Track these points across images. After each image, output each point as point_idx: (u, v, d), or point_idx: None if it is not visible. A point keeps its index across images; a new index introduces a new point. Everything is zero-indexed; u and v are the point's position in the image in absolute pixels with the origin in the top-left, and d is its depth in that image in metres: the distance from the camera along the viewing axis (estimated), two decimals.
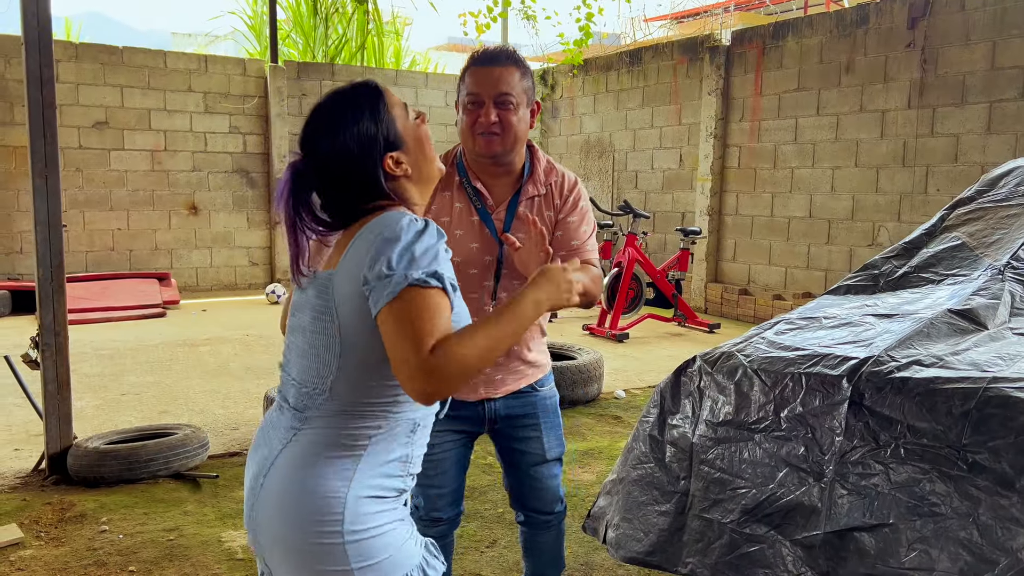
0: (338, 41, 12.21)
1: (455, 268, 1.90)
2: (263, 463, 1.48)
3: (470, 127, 2.13)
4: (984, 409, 1.93)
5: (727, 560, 2.41)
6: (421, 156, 1.56)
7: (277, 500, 1.43)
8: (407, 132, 1.54)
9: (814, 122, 8.07)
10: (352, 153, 1.46)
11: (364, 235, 1.42)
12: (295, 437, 1.45)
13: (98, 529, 3.33)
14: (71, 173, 9.70)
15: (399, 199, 1.52)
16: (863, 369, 2.23)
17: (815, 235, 8.16)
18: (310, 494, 1.40)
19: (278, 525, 1.43)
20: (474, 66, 2.13)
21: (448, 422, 2.05)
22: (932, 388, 2.05)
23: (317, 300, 1.47)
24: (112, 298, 8.72)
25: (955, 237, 3.15)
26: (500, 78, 2.09)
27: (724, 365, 2.61)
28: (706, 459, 2.57)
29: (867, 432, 2.15)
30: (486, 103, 2.09)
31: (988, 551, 1.83)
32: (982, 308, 2.50)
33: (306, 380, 1.47)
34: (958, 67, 6.92)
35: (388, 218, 1.42)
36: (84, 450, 3.79)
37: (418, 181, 1.57)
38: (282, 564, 1.45)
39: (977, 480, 1.89)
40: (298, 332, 1.52)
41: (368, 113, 1.49)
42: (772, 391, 2.42)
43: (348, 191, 1.49)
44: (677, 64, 9.60)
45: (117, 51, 9.92)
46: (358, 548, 1.40)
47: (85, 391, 5.51)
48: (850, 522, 2.12)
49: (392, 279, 1.34)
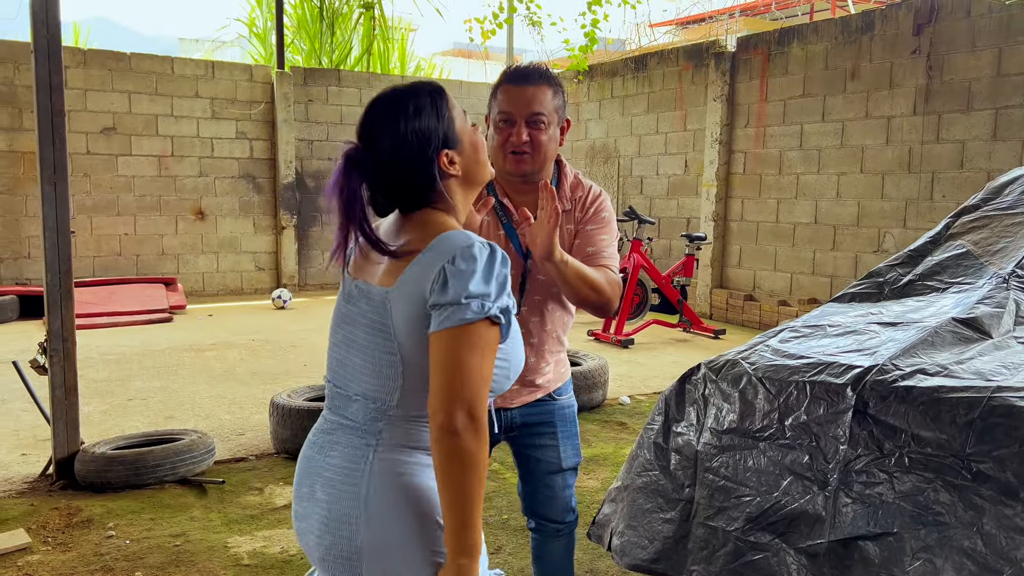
0: (343, 47, 12.25)
1: None
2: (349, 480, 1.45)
3: (501, 145, 2.14)
4: (988, 419, 1.94)
5: (731, 568, 2.41)
6: (475, 159, 1.57)
7: (399, 510, 1.43)
8: (464, 133, 1.55)
9: (819, 128, 8.07)
10: (411, 145, 1.47)
11: (429, 255, 1.42)
12: (379, 447, 1.45)
13: (105, 534, 3.34)
14: (79, 179, 9.75)
15: (449, 203, 1.52)
16: (867, 378, 2.23)
17: (820, 241, 8.15)
18: (428, 492, 1.43)
19: (407, 532, 1.42)
20: (507, 83, 2.14)
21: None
22: (936, 397, 2.06)
23: (373, 316, 1.46)
24: (119, 303, 8.75)
25: (960, 245, 3.16)
26: (533, 97, 2.10)
27: (729, 373, 2.61)
28: (711, 467, 2.57)
29: (871, 441, 2.15)
30: (518, 122, 2.10)
31: (992, 561, 1.83)
32: (987, 317, 2.50)
33: (373, 396, 1.47)
34: (964, 73, 6.92)
35: (452, 241, 1.41)
36: (91, 455, 3.81)
37: (467, 184, 1.57)
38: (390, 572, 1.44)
39: (981, 489, 1.89)
40: (352, 347, 1.51)
41: (430, 108, 1.50)
42: (776, 399, 2.42)
43: (401, 184, 1.49)
44: (682, 70, 9.61)
45: (125, 57, 9.98)
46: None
47: (92, 396, 5.54)
48: (854, 531, 2.12)
49: (469, 307, 1.35)
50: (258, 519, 3.54)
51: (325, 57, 12.17)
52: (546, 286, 2.26)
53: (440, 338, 1.36)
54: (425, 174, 1.49)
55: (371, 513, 1.44)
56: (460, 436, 1.32)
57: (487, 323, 1.37)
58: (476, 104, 12.42)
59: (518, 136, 2.10)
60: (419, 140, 1.47)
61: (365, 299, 1.49)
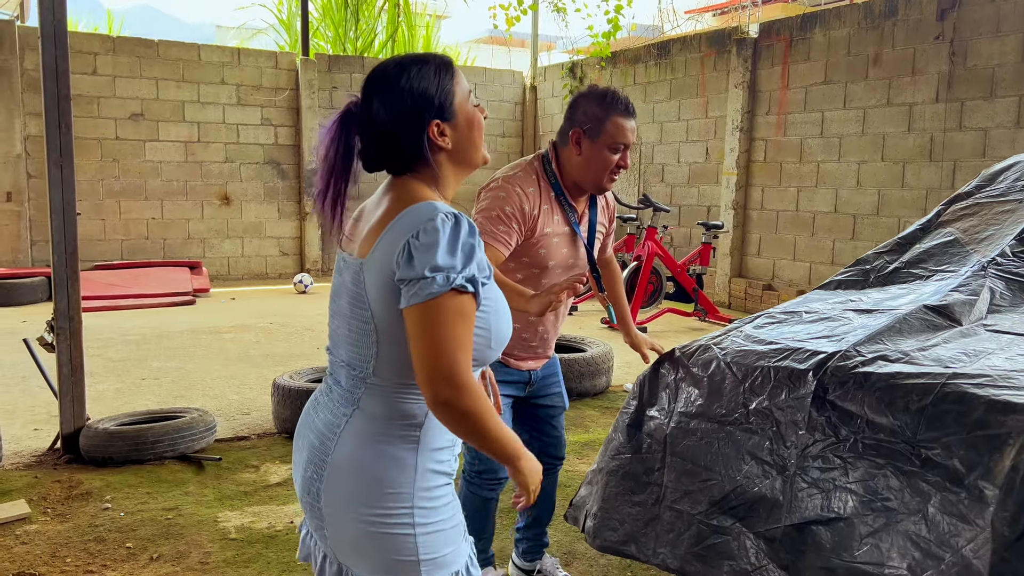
0: (368, 34, 12.32)
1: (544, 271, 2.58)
2: (324, 440, 1.54)
3: (611, 169, 2.53)
4: (940, 405, 1.92)
5: (695, 551, 2.43)
6: (468, 137, 1.57)
7: (350, 472, 1.49)
8: (462, 110, 1.56)
9: (840, 115, 7.95)
10: (404, 106, 1.50)
11: (396, 227, 1.45)
12: (355, 413, 1.51)
13: (101, 507, 3.46)
14: (108, 163, 9.97)
15: (435, 175, 1.55)
16: (829, 364, 2.23)
17: (840, 230, 8.04)
18: (382, 462, 1.48)
19: (351, 495, 1.49)
20: (621, 117, 2.51)
21: (503, 387, 2.57)
22: (893, 383, 2.05)
23: (352, 287, 1.51)
24: (143, 286, 8.95)
25: (948, 233, 3.11)
26: (634, 129, 2.55)
27: (700, 358, 2.62)
28: (678, 451, 2.59)
29: (828, 426, 2.15)
30: (624, 151, 2.53)
31: (935, 547, 1.83)
32: (958, 304, 2.47)
33: (354, 363, 1.53)
34: (987, 59, 6.76)
35: (419, 213, 1.44)
36: (95, 431, 3.93)
37: (457, 162, 1.59)
38: (348, 540, 1.51)
39: (928, 475, 1.89)
40: (339, 317, 1.57)
41: (432, 77, 1.52)
42: (743, 384, 2.43)
43: (390, 143, 1.52)
44: (704, 57, 9.51)
45: (153, 44, 10.15)
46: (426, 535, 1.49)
47: (108, 375, 5.69)
48: (808, 516, 2.13)
49: (434, 281, 1.38)
50: (250, 495, 3.63)
51: (349, 44, 12.26)
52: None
53: (410, 315, 1.40)
54: (414, 138, 1.52)
55: (330, 472, 1.51)
56: (449, 404, 1.38)
57: (454, 294, 1.39)
58: (499, 91, 12.43)
59: (625, 160, 2.54)
60: (413, 104, 1.50)
61: (348, 270, 1.54)
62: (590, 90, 2.57)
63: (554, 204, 2.56)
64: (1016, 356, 2.06)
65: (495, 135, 12.45)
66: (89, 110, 9.78)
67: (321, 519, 1.54)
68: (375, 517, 1.48)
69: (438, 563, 1.51)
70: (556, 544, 3.23)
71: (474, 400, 1.39)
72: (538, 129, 12.55)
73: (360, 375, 1.52)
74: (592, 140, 2.49)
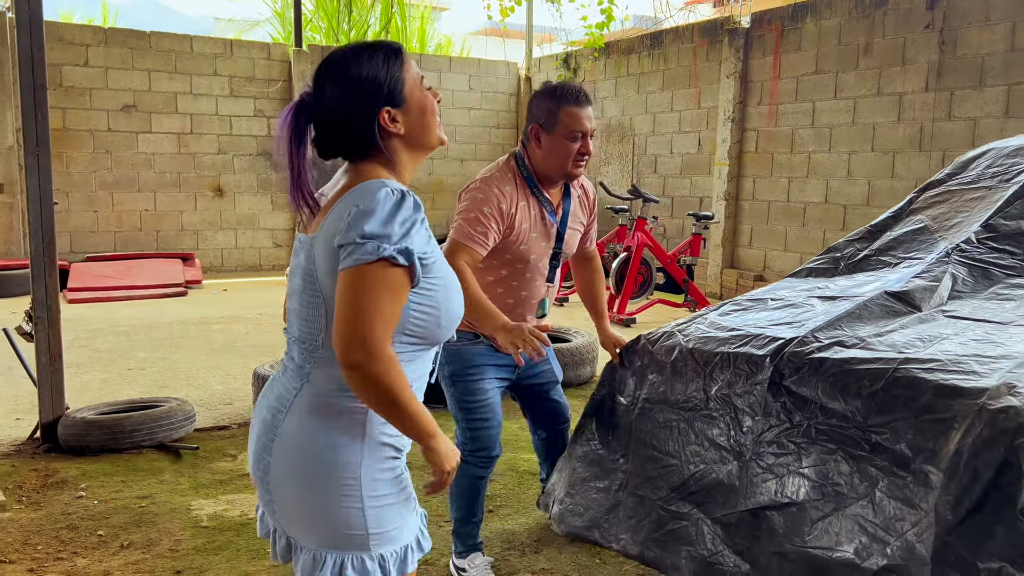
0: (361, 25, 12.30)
1: (526, 265, 2.67)
2: (275, 413, 1.56)
3: (573, 157, 2.62)
4: (891, 390, 1.92)
5: (655, 537, 2.44)
6: (421, 122, 1.59)
7: (296, 445, 1.51)
8: (413, 95, 1.58)
9: (831, 105, 7.92)
10: (354, 94, 1.52)
11: (343, 202, 1.48)
12: (305, 386, 1.53)
13: (75, 495, 3.47)
14: (100, 155, 9.96)
15: (390, 159, 1.57)
16: (786, 350, 2.23)
17: (831, 221, 8.02)
18: (329, 435, 1.50)
19: (298, 468, 1.50)
20: (573, 106, 2.59)
21: (495, 371, 2.72)
22: (846, 369, 2.05)
23: (305, 263, 1.54)
24: (135, 277, 8.96)
25: (919, 220, 3.11)
26: (590, 116, 2.63)
27: (663, 344, 2.62)
28: (641, 437, 2.59)
29: (783, 412, 2.15)
30: (584, 138, 2.61)
31: (881, 531, 1.83)
32: (919, 291, 2.47)
33: (304, 337, 1.55)
34: (977, 48, 6.73)
35: (367, 187, 1.47)
36: (72, 420, 3.94)
37: (412, 146, 1.61)
38: (296, 513, 1.52)
39: (877, 460, 1.89)
40: (294, 295, 1.60)
41: (381, 63, 1.54)
42: (703, 370, 2.43)
43: (342, 131, 1.55)
44: (697, 47, 9.48)
45: (145, 36, 10.14)
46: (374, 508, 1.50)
47: (93, 365, 5.71)
48: (763, 501, 2.13)
49: (364, 248, 1.40)
50: (225, 484, 3.64)
51: (343, 36, 12.23)
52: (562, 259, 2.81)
53: (340, 278, 1.43)
54: (365, 126, 1.54)
55: (279, 444, 1.53)
56: (359, 368, 1.40)
57: (385, 264, 1.41)
58: (494, 82, 12.40)
59: (586, 147, 2.62)
60: (363, 91, 1.53)
61: (303, 249, 1.57)
62: (543, 87, 2.69)
63: (530, 199, 2.67)
64: (970, 341, 2.05)
65: (490, 126, 12.43)
66: (81, 102, 9.78)
67: (270, 492, 1.56)
68: (321, 489, 1.49)
69: (386, 537, 1.52)
70: (527, 531, 3.23)
71: (385, 368, 1.40)
72: None
73: (309, 348, 1.54)
74: (549, 132, 2.61)
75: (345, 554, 1.49)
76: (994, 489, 1.60)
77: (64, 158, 9.74)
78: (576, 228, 2.84)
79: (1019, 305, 2.28)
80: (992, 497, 1.60)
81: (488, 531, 3.24)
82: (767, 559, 2.09)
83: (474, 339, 2.69)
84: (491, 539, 3.16)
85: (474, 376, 2.69)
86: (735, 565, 2.16)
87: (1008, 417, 1.62)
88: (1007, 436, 1.60)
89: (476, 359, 2.69)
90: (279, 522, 1.58)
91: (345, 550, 1.49)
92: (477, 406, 2.69)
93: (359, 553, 1.49)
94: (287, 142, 1.52)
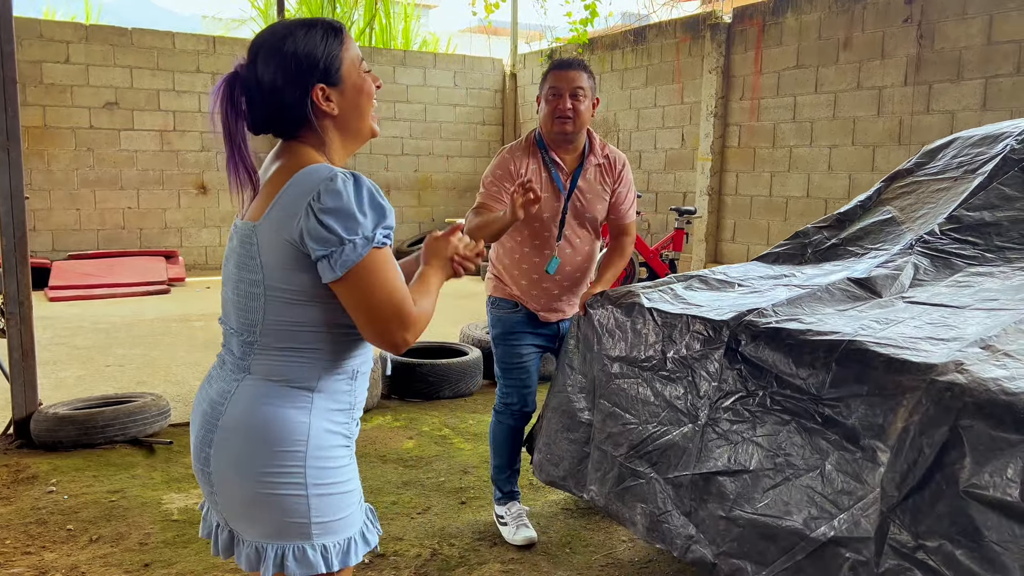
0: (345, 22, 12.27)
1: (542, 223, 2.91)
2: (215, 405, 1.52)
3: (551, 112, 2.85)
4: (844, 362, 1.93)
5: (616, 491, 2.49)
6: (355, 105, 1.55)
7: (239, 432, 1.47)
8: (350, 76, 1.54)
9: (812, 100, 7.95)
10: (288, 68, 1.48)
11: (292, 190, 1.43)
12: (246, 378, 1.50)
13: (46, 490, 3.45)
14: (82, 152, 9.91)
15: (322, 140, 1.53)
16: (745, 318, 2.23)
17: (813, 215, 8.04)
18: (274, 420, 1.46)
19: (240, 456, 1.47)
20: (555, 70, 2.89)
21: (533, 338, 3.02)
22: (802, 340, 2.06)
23: (241, 250, 1.50)
24: (117, 275, 8.92)
25: (887, 211, 3.12)
26: (575, 77, 2.84)
27: (624, 303, 2.64)
28: (604, 393, 2.63)
29: (739, 380, 2.16)
30: (564, 94, 2.82)
31: (829, 505, 1.84)
32: (881, 278, 2.48)
33: (242, 328, 1.51)
34: (954, 42, 6.76)
35: (317, 173, 1.42)
36: (44, 416, 3.92)
37: (344, 130, 1.56)
38: (238, 503, 1.49)
39: (828, 433, 1.90)
40: (229, 283, 1.55)
41: (318, 40, 1.50)
42: (662, 331, 2.45)
43: (274, 105, 1.50)
44: (680, 42, 9.50)
45: (127, 32, 10.09)
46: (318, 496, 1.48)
47: (72, 362, 5.68)
48: (715, 466, 2.15)
49: (353, 247, 1.38)
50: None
51: None
52: (579, 222, 2.96)
53: (342, 284, 1.41)
54: (298, 102, 1.49)
55: (219, 435, 1.50)
56: (408, 342, 1.47)
57: (375, 251, 1.41)
58: (479, 79, 12.40)
59: (564, 104, 2.82)
60: (297, 66, 1.48)
61: (237, 235, 1.52)
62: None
63: (541, 164, 2.94)
64: (925, 324, 2.07)
65: (476, 123, 12.42)
66: (62, 99, 9.72)
67: (211, 484, 1.52)
68: (265, 476, 1.46)
69: (330, 527, 1.50)
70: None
71: (424, 322, 1.50)
72: (519, 116, 12.52)
73: (249, 340, 1.51)
74: (541, 96, 2.92)
75: (287, 544, 1.47)
76: (938, 467, 1.61)
77: (45, 156, 9.69)
78: (595, 195, 2.98)
79: (977, 291, 2.29)
80: (936, 475, 1.61)
81: (460, 522, 3.24)
82: (713, 522, 2.11)
83: (514, 308, 3.01)
84: (463, 530, 3.17)
85: (512, 341, 3.02)
86: (682, 526, 2.19)
87: (954, 395, 1.63)
88: (951, 415, 1.61)
89: (516, 326, 3.01)
90: (221, 515, 1.55)
91: (287, 539, 1.47)
92: (514, 367, 3.03)
93: (301, 543, 1.47)
94: (223, 116, 1.48)
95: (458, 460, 3.92)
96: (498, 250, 3.07)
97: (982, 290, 2.28)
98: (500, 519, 3.13)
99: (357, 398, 1.58)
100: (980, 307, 2.13)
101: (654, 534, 2.32)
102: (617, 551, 3.01)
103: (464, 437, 4.25)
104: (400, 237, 11.62)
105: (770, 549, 1.95)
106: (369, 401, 4.54)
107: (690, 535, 2.17)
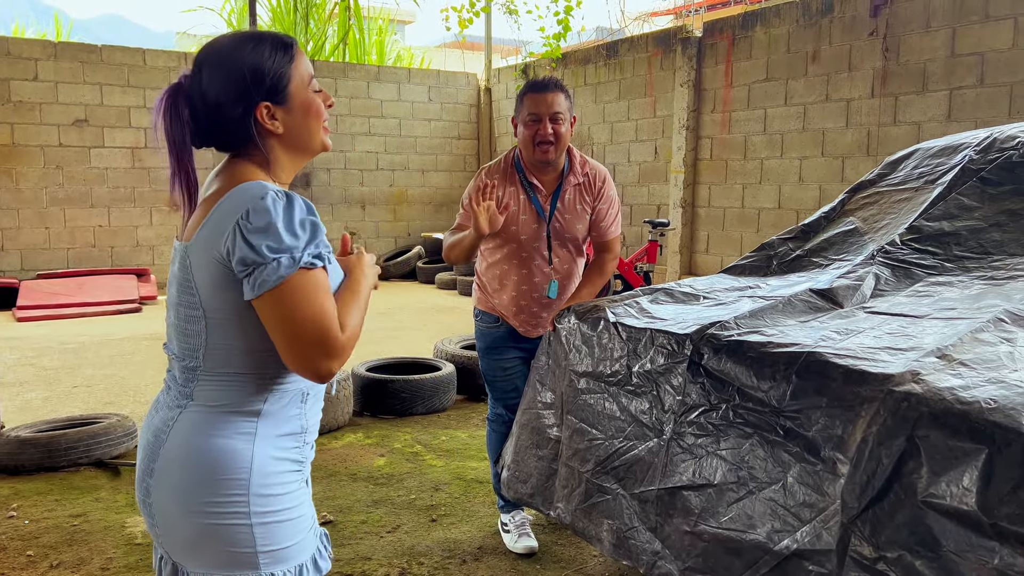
0: (319, 37, 12.26)
1: (520, 245, 2.93)
2: (158, 434, 1.46)
3: (532, 139, 2.82)
4: (804, 374, 1.92)
5: (583, 508, 2.47)
6: (303, 124, 1.50)
7: (179, 463, 1.42)
8: (298, 94, 1.49)
9: (782, 112, 8.03)
10: (231, 83, 1.42)
11: (222, 207, 1.38)
12: (189, 405, 1.44)
13: (6, 515, 3.38)
14: (51, 170, 9.80)
15: (266, 158, 1.48)
16: (708, 331, 2.23)
17: (784, 226, 8.11)
18: (214, 451, 1.40)
19: (181, 487, 1.41)
20: (532, 92, 2.83)
21: (516, 351, 3.06)
22: (763, 352, 2.05)
23: (179, 273, 1.45)
24: (88, 294, 8.81)
25: (850, 221, 3.14)
26: (553, 101, 2.80)
27: (590, 317, 2.62)
28: (571, 408, 2.61)
29: (703, 393, 2.16)
30: (543, 120, 2.79)
31: (791, 518, 1.83)
32: (842, 289, 2.49)
33: (184, 354, 1.46)
34: (919, 54, 6.86)
35: (248, 191, 1.37)
36: (6, 439, 3.84)
37: (290, 148, 1.51)
38: (180, 536, 1.44)
39: (790, 445, 1.89)
40: (171, 307, 1.50)
41: (266, 56, 1.44)
42: (627, 346, 2.44)
43: (216, 120, 1.45)
44: (652, 56, 9.57)
45: (96, 49, 10.01)
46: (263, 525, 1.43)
47: (38, 383, 5.59)
48: (680, 481, 2.14)
49: (279, 264, 1.32)
50: None
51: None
52: (560, 242, 2.96)
53: (262, 303, 1.34)
54: (240, 119, 1.44)
55: (160, 465, 1.44)
56: (332, 371, 1.37)
57: (303, 272, 1.34)
58: (454, 94, 12.42)
59: (545, 129, 2.79)
60: (241, 82, 1.42)
61: (177, 257, 1.47)
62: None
63: (519, 185, 2.93)
64: (884, 335, 2.07)
65: (451, 137, 12.43)
66: (31, 116, 9.62)
67: (153, 516, 1.48)
68: (206, 507, 1.41)
69: (279, 556, 1.45)
70: (468, 539, 3.21)
71: (349, 350, 1.40)
72: (494, 131, 12.55)
73: (191, 366, 1.46)
74: (518, 119, 2.88)
75: (234, 575, 1.43)
76: (896, 478, 1.61)
77: (14, 174, 9.57)
78: (574, 215, 2.96)
79: (936, 301, 2.31)
80: (895, 485, 1.61)
81: (430, 540, 3.21)
82: (679, 537, 2.10)
83: (495, 322, 3.06)
84: (432, 548, 3.13)
85: (495, 356, 3.09)
86: (648, 541, 2.17)
87: (910, 405, 1.63)
88: (908, 425, 1.61)
89: (498, 340, 3.07)
90: (165, 548, 1.49)
91: (233, 570, 1.42)
92: (499, 379, 3.11)
93: (248, 572, 1.42)
94: (166, 129, 1.43)
95: (430, 477, 3.89)
96: (482, 264, 3.10)
97: (941, 299, 2.29)
98: (504, 527, 3.17)
99: (309, 421, 1.53)
100: (938, 316, 2.14)
101: (621, 550, 2.30)
102: (588, 566, 2.99)
103: (436, 454, 4.21)
104: (376, 252, 11.57)
105: (735, 564, 1.94)
106: (340, 418, 4.51)
107: (656, 551, 2.16)
